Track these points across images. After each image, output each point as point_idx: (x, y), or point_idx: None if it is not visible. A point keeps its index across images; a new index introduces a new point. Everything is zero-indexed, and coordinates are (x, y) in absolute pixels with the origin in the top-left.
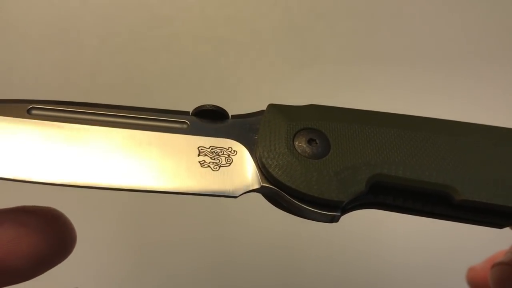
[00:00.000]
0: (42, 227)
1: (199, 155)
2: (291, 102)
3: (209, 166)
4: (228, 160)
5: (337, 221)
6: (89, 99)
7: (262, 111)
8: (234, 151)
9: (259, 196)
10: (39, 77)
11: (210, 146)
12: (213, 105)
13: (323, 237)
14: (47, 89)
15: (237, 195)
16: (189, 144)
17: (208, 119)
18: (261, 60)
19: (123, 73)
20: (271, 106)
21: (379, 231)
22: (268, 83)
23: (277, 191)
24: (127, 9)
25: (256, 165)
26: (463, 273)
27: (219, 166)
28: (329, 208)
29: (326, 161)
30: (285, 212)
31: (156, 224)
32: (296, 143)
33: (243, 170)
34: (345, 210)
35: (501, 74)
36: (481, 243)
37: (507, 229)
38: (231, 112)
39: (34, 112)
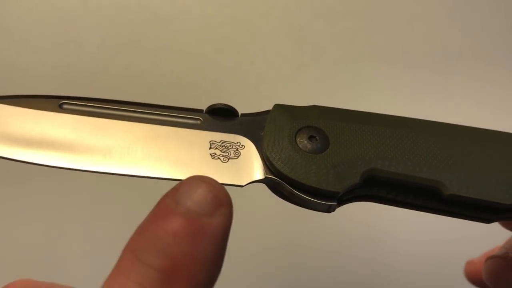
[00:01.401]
0: None
1: (210, 148)
2: (291, 102)
3: (219, 158)
4: (237, 153)
5: (333, 210)
6: None
7: (269, 110)
8: (242, 145)
9: (260, 197)
10: (39, 77)
11: (221, 141)
12: (224, 104)
13: (324, 234)
14: (47, 89)
15: (243, 185)
16: (202, 138)
17: (220, 117)
18: (261, 60)
19: (123, 73)
20: (277, 106)
21: (378, 226)
22: (268, 83)
23: (280, 181)
24: (127, 9)
25: (261, 158)
26: (461, 266)
27: (228, 159)
28: (326, 198)
29: (325, 156)
30: (285, 215)
31: None
32: (298, 139)
33: (250, 162)
34: (341, 201)
35: (501, 74)
36: (479, 237)
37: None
38: None
39: (65, 106)
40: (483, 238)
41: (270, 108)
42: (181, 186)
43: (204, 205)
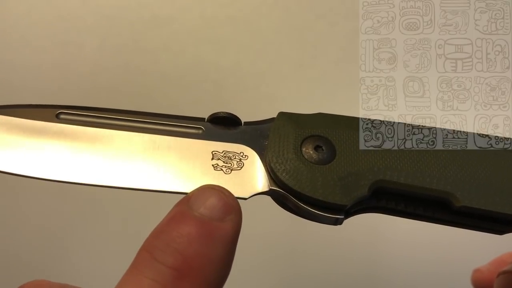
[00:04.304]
0: None
1: (212, 158)
2: (291, 102)
3: (221, 169)
4: (240, 164)
5: (341, 223)
6: (89, 99)
7: (273, 118)
8: (245, 155)
9: (262, 203)
10: (39, 77)
11: (223, 151)
12: (227, 113)
13: (325, 243)
14: (47, 89)
15: (247, 197)
16: (203, 148)
17: (222, 125)
18: (261, 60)
19: (123, 73)
20: (281, 114)
21: (381, 235)
22: (268, 83)
23: (285, 194)
24: (127, 9)
25: (265, 169)
26: (467, 275)
27: (231, 170)
28: (333, 211)
29: (331, 167)
30: (285, 220)
31: None
32: (304, 149)
33: (253, 173)
34: (348, 214)
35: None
36: (485, 245)
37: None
38: (229, 111)
39: (62, 116)
40: (488, 244)
41: (271, 109)
42: (194, 194)
43: (216, 211)
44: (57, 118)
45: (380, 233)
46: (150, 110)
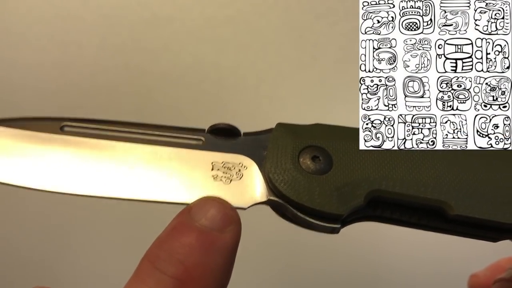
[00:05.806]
0: None
1: (212, 169)
2: (291, 102)
3: (221, 180)
4: (239, 174)
5: (337, 232)
6: (89, 99)
7: (271, 129)
8: (244, 166)
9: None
10: (39, 77)
11: (223, 161)
12: (227, 124)
13: (325, 244)
14: (47, 89)
15: (246, 207)
16: (203, 159)
17: (222, 136)
18: (261, 60)
19: (123, 73)
20: (279, 125)
21: (381, 235)
22: (268, 83)
23: (283, 204)
24: (127, 9)
25: (264, 179)
26: (467, 276)
27: (230, 180)
28: (329, 220)
29: (328, 177)
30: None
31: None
32: (301, 159)
33: (252, 184)
34: (345, 223)
35: None
36: (484, 245)
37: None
38: (230, 111)
39: (66, 129)
40: (486, 245)
41: (271, 109)
42: (195, 205)
43: (216, 222)
44: (61, 130)
45: (380, 233)
46: (150, 109)
